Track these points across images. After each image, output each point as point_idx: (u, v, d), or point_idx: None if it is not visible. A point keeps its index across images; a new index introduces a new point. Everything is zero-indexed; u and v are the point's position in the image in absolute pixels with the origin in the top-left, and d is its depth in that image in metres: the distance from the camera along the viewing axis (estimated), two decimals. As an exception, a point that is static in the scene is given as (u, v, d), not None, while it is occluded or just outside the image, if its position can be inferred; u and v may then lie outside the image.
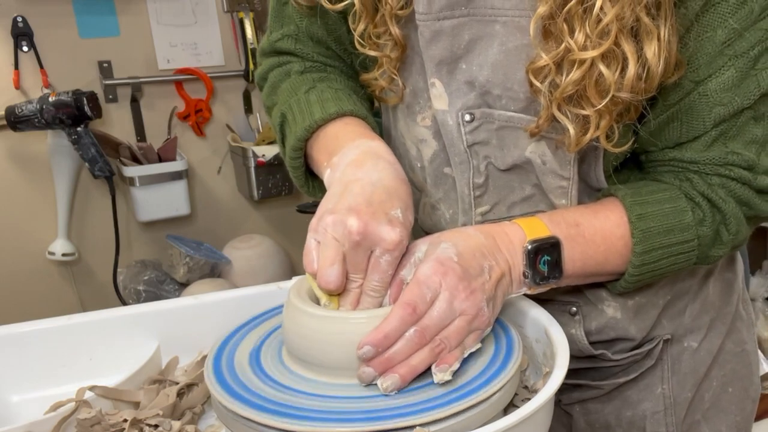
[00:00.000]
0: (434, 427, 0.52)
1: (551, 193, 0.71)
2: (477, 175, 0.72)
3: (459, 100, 0.68)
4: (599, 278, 0.72)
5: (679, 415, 0.82)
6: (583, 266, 0.67)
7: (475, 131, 0.69)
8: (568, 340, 0.75)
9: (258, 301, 0.74)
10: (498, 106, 0.67)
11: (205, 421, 0.67)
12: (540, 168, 0.69)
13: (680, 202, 0.68)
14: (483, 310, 0.59)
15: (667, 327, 0.80)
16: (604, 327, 0.78)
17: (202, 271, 2.10)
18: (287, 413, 0.53)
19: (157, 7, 2.11)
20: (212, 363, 0.62)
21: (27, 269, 2.10)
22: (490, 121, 0.68)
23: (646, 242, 0.66)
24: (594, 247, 0.67)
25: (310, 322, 0.58)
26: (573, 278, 0.68)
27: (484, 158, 0.71)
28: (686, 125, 0.66)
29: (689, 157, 0.68)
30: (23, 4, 1.94)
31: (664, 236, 0.67)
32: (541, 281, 0.65)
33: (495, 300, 0.61)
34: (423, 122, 0.73)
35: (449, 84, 0.69)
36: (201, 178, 2.30)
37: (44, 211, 2.08)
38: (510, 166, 0.70)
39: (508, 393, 0.59)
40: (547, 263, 0.65)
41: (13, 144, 2.00)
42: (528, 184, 0.72)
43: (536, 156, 0.68)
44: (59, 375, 0.71)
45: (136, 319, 0.74)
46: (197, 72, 2.17)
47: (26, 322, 0.73)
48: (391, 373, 0.56)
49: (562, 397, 0.84)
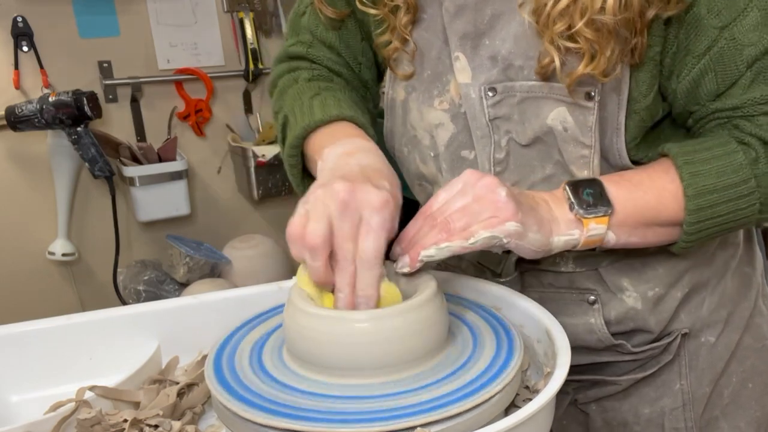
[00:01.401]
0: (435, 427, 0.52)
1: (573, 164, 0.70)
2: (498, 150, 0.72)
3: (482, 75, 0.70)
4: (661, 229, 0.68)
5: (697, 410, 0.81)
6: (635, 207, 0.65)
7: (497, 105, 0.70)
8: (587, 331, 0.77)
9: (258, 300, 0.74)
10: (520, 77, 0.68)
11: (205, 421, 0.67)
12: (562, 136, 0.69)
13: (730, 145, 0.66)
14: (499, 197, 0.59)
15: (684, 321, 0.79)
16: (623, 317, 0.77)
17: (202, 271, 2.09)
18: (288, 413, 0.53)
19: (157, 7, 2.11)
20: (213, 363, 0.62)
21: (27, 269, 2.10)
22: (512, 95, 0.69)
23: (698, 185, 0.64)
24: (642, 189, 0.66)
25: (312, 321, 0.58)
26: (630, 221, 0.66)
27: (505, 133, 0.71)
28: (720, 74, 0.66)
29: (731, 104, 0.67)
30: (23, 4, 1.94)
31: (716, 178, 0.64)
32: (588, 209, 0.63)
33: (523, 206, 0.60)
34: (441, 105, 0.74)
35: (473, 59, 0.70)
36: (201, 178, 2.30)
37: (44, 211, 2.08)
38: (531, 140, 0.70)
39: (509, 393, 0.59)
40: (591, 194, 0.64)
41: (13, 144, 2.00)
42: (549, 162, 0.71)
43: (558, 123, 0.68)
44: (59, 375, 0.71)
45: (136, 319, 0.74)
46: (197, 72, 2.17)
47: (26, 322, 0.73)
48: (400, 249, 0.61)
49: (578, 396, 0.84)
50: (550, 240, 0.63)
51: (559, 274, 0.78)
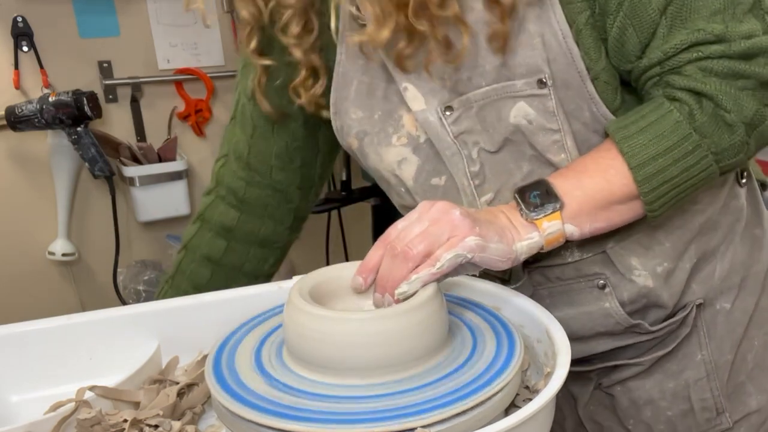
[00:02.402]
0: (436, 428, 0.52)
1: (548, 152, 0.71)
2: (471, 164, 0.73)
3: (434, 99, 0.72)
4: (622, 207, 0.67)
5: (722, 378, 0.82)
6: (585, 194, 0.66)
7: (457, 121, 0.71)
8: (603, 316, 0.78)
9: (258, 301, 0.74)
10: (470, 88, 0.70)
11: (205, 421, 0.67)
12: (528, 129, 0.70)
13: (663, 107, 0.66)
14: (454, 216, 0.60)
15: (697, 291, 0.79)
16: (636, 296, 0.77)
17: (202, 271, 2.09)
18: (288, 413, 0.53)
19: (157, 7, 2.11)
20: (213, 363, 0.62)
21: (27, 269, 2.10)
22: (469, 107, 0.70)
23: (639, 155, 0.65)
24: (588, 174, 0.66)
25: (311, 321, 0.58)
26: (585, 209, 0.66)
27: (473, 144, 0.72)
28: (638, 27, 0.65)
29: (656, 57, 0.66)
30: (23, 4, 1.94)
31: (657, 144, 0.64)
32: (535, 210, 0.64)
33: (479, 221, 0.62)
34: (399, 141, 0.76)
35: (421, 86, 0.72)
36: (201, 178, 2.29)
37: (44, 211, 2.08)
38: (500, 144, 0.72)
39: (509, 393, 0.59)
40: (538, 196, 0.65)
41: (13, 144, 2.00)
42: (524, 161, 0.72)
43: (521, 118, 0.70)
44: (59, 375, 0.71)
45: (136, 319, 0.74)
46: (197, 72, 2.17)
47: (26, 322, 0.73)
48: (378, 294, 0.62)
49: (602, 380, 0.84)
50: (513, 248, 0.63)
51: (566, 265, 0.78)
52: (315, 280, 0.65)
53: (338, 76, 0.78)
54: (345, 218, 2.41)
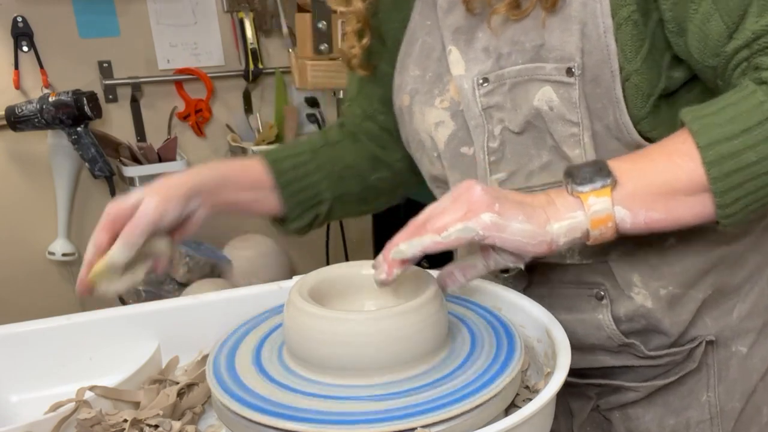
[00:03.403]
0: (435, 428, 0.52)
1: (564, 144, 0.67)
2: (491, 140, 0.72)
3: (476, 67, 0.71)
4: (688, 198, 0.58)
5: (726, 426, 0.76)
6: (643, 174, 0.58)
7: (489, 94, 0.71)
8: (595, 327, 0.75)
9: (258, 300, 0.74)
10: (508, 64, 0.69)
11: (205, 421, 0.67)
12: (549, 116, 0.67)
13: (746, 89, 0.57)
14: (474, 192, 0.57)
15: (711, 327, 0.75)
16: (633, 314, 0.73)
17: (202, 271, 2.09)
18: (288, 413, 0.53)
19: (157, 7, 2.11)
20: (213, 363, 0.62)
21: (27, 269, 2.10)
22: (503, 83, 0.70)
23: (710, 134, 0.56)
24: (649, 157, 0.60)
25: (312, 321, 0.58)
26: (642, 191, 0.58)
27: (498, 121, 0.71)
28: (725, 10, 0.59)
29: (745, 37, 0.58)
30: (23, 4, 1.94)
31: (732, 124, 0.56)
32: (583, 182, 0.58)
33: (501, 199, 0.57)
34: (441, 104, 0.75)
35: (466, 52, 0.72)
36: (201, 178, 2.29)
37: (44, 211, 2.08)
38: (523, 126, 0.70)
39: (509, 394, 0.59)
40: (589, 171, 0.58)
41: (13, 144, 2.00)
42: (544, 150, 0.70)
43: (543, 103, 0.67)
44: (59, 375, 0.71)
45: (136, 319, 0.74)
46: (197, 72, 2.17)
47: (26, 322, 0.73)
48: (380, 257, 0.59)
49: (600, 401, 0.81)
50: (546, 228, 0.57)
51: (566, 268, 0.75)
52: (315, 280, 0.65)
53: (408, 33, 0.80)
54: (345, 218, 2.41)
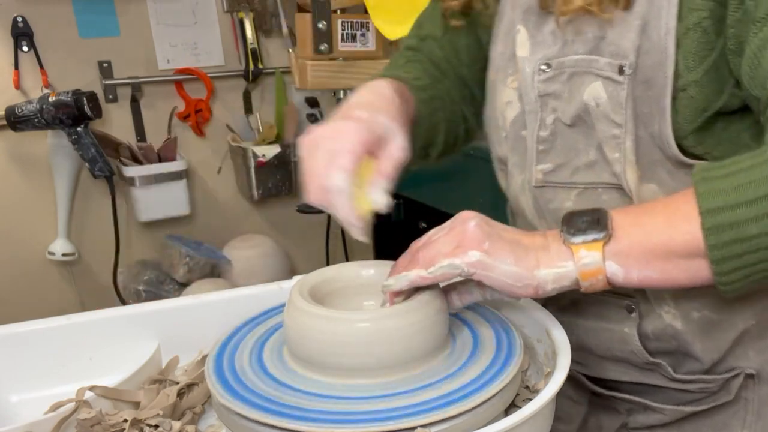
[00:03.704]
0: (436, 428, 0.52)
1: (606, 145, 0.65)
2: (543, 128, 0.70)
3: (541, 51, 0.69)
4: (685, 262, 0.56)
5: None
6: (642, 232, 0.56)
7: (548, 81, 0.68)
8: (620, 340, 0.72)
9: (258, 300, 0.74)
10: (570, 52, 0.66)
11: (205, 421, 0.67)
12: (594, 112, 0.65)
13: (762, 155, 0.53)
14: (468, 227, 0.58)
15: (753, 359, 0.70)
16: (662, 334, 0.70)
17: (202, 271, 2.09)
18: (288, 413, 0.53)
19: (157, 7, 2.11)
20: (213, 362, 0.62)
21: (27, 269, 2.10)
22: (562, 71, 0.67)
23: (715, 198, 0.53)
24: (651, 213, 0.57)
25: (312, 322, 0.58)
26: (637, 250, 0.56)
27: (552, 111, 0.69)
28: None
29: None
30: (23, 4, 1.94)
31: (742, 191, 0.52)
32: (576, 233, 0.57)
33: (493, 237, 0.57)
34: (512, 84, 0.73)
35: (534, 34, 0.69)
36: (201, 178, 2.30)
37: (44, 211, 2.08)
38: (573, 119, 0.67)
39: (509, 394, 0.59)
40: (586, 221, 0.57)
41: (13, 144, 2.00)
42: (592, 148, 0.67)
43: (591, 98, 0.65)
44: (59, 375, 0.71)
45: (136, 319, 0.74)
46: (197, 72, 2.17)
47: (26, 322, 0.73)
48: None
49: (629, 419, 0.77)
50: (534, 273, 0.57)
51: None
52: (315, 280, 0.65)
53: (500, 6, 0.77)
54: (345, 218, 2.41)
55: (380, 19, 1.61)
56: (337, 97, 1.91)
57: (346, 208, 0.59)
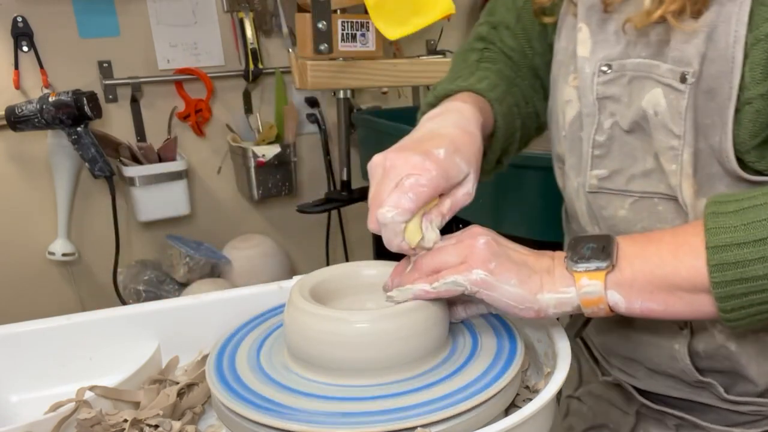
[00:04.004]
0: (436, 427, 0.52)
1: (663, 156, 0.62)
2: (599, 132, 0.68)
3: (602, 51, 0.67)
4: (689, 296, 0.55)
5: None
6: (645, 263, 0.56)
7: (607, 83, 0.66)
8: (670, 356, 0.69)
9: (258, 300, 0.74)
10: (632, 55, 0.64)
11: (205, 421, 0.67)
12: (653, 121, 0.62)
13: None
14: (476, 243, 0.57)
15: None
16: (714, 353, 0.67)
17: (202, 271, 2.09)
18: (288, 413, 0.53)
19: (157, 7, 2.11)
20: (213, 362, 0.62)
21: (27, 269, 2.10)
22: (623, 74, 0.65)
23: (723, 235, 0.52)
24: (657, 244, 0.56)
25: (312, 322, 0.58)
26: (640, 281, 0.56)
27: (610, 115, 0.67)
28: None
29: None
30: (23, 4, 1.94)
31: (751, 229, 0.51)
32: (579, 260, 0.56)
33: (500, 257, 0.57)
34: (573, 82, 0.71)
35: (597, 33, 0.67)
36: (201, 178, 2.30)
37: (44, 211, 2.08)
38: (632, 125, 0.65)
39: (509, 394, 0.59)
40: (592, 248, 0.57)
41: (13, 144, 2.00)
42: (649, 156, 0.65)
43: (650, 106, 0.62)
44: (59, 375, 0.71)
45: (136, 319, 0.74)
46: (197, 72, 2.17)
47: (26, 322, 0.72)
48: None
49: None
50: (537, 296, 0.56)
51: None
52: (315, 280, 0.65)
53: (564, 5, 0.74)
54: (345, 218, 2.41)
55: (380, 19, 1.61)
56: (336, 96, 1.91)
57: (393, 244, 0.59)
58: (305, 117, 2.34)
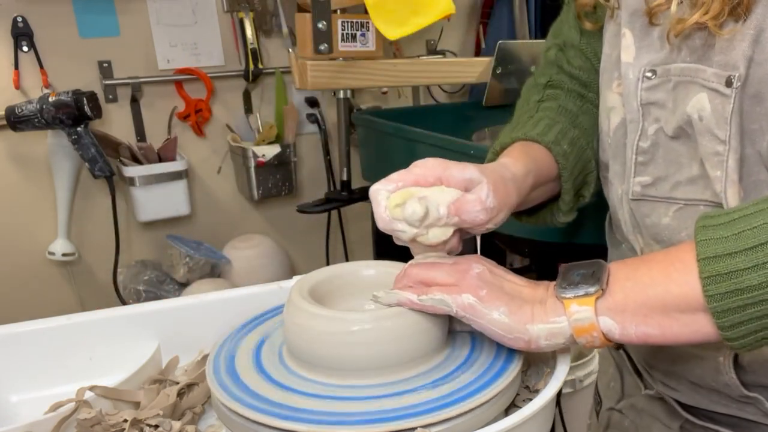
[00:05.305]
0: (435, 428, 0.52)
1: (707, 161, 0.60)
2: (643, 139, 0.66)
3: (647, 56, 0.66)
4: (685, 317, 0.53)
5: None
6: (636, 285, 0.54)
7: (652, 89, 0.65)
8: (714, 369, 0.67)
9: (258, 300, 0.74)
10: (676, 60, 0.63)
11: (205, 421, 0.67)
12: (697, 126, 0.61)
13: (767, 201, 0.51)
14: (471, 269, 0.58)
15: None
16: (761, 367, 0.64)
17: (202, 271, 2.09)
18: (288, 413, 0.53)
19: (157, 7, 2.11)
20: (213, 363, 0.62)
21: (27, 269, 2.10)
22: (668, 79, 0.64)
23: (714, 246, 0.50)
24: (648, 265, 0.55)
25: (312, 321, 0.58)
26: (633, 305, 0.54)
27: (654, 120, 0.66)
28: None
29: None
30: (23, 4, 1.94)
31: (742, 238, 0.50)
32: (568, 287, 0.56)
33: (493, 286, 0.57)
34: (617, 89, 0.70)
35: (641, 38, 0.66)
36: (201, 178, 2.29)
37: (44, 211, 2.08)
38: (677, 131, 0.64)
39: (509, 394, 0.59)
40: (582, 274, 0.56)
41: (13, 144, 2.00)
42: (695, 161, 0.63)
43: (695, 111, 0.60)
44: (59, 375, 0.71)
45: (136, 319, 0.74)
46: (197, 72, 2.17)
47: (26, 322, 0.73)
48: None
49: None
50: (526, 327, 0.56)
51: None
52: (315, 280, 0.65)
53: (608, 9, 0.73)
54: (345, 218, 2.41)
55: (380, 19, 1.61)
56: (336, 96, 1.91)
57: (378, 215, 0.60)
58: (305, 117, 2.33)
